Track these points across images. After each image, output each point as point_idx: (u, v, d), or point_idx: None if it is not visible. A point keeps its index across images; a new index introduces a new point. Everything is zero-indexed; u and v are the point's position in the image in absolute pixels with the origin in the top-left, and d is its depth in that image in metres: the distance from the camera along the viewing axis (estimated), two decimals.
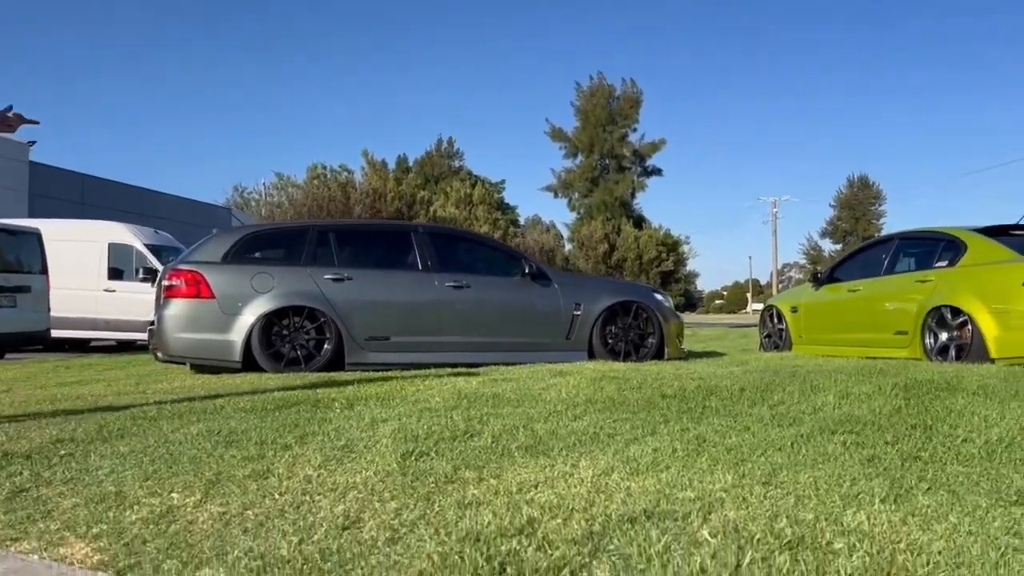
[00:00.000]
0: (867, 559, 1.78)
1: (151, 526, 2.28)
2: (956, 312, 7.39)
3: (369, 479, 2.65)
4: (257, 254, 7.70)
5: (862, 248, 10.05)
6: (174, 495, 2.54)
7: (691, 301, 74.17)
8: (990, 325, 7.03)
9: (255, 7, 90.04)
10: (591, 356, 7.90)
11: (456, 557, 1.88)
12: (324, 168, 25.59)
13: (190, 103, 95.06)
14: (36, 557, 2.11)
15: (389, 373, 6.47)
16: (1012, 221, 8.09)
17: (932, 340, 7.61)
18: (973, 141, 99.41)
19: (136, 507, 2.45)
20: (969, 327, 7.20)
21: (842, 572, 1.71)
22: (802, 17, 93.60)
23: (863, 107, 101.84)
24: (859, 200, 68.88)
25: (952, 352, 7.37)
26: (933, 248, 8.18)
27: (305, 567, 1.92)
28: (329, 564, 1.93)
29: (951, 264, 7.74)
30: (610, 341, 8.04)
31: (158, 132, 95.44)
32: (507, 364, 7.10)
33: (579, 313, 7.98)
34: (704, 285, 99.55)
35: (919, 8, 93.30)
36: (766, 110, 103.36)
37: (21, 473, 2.89)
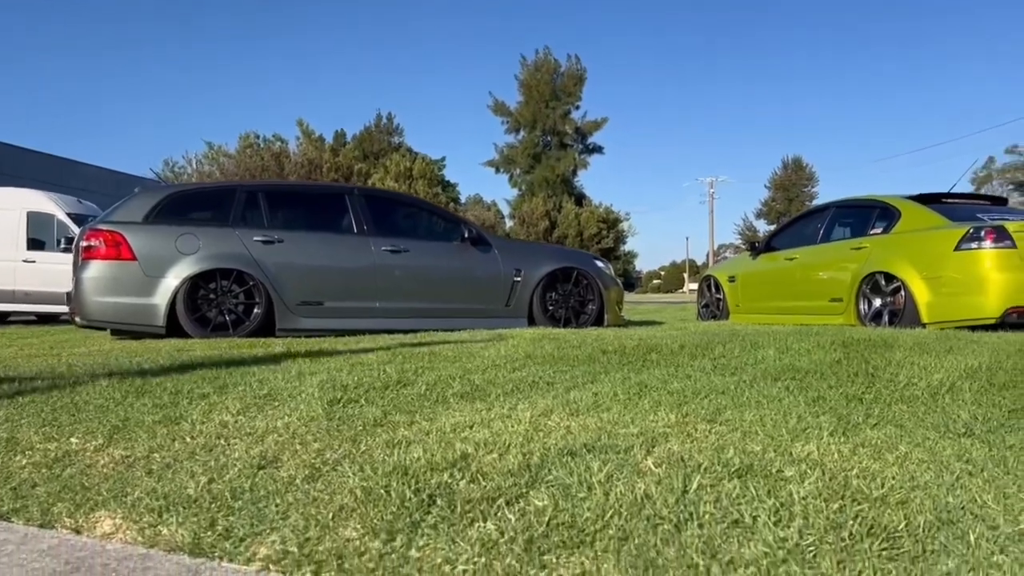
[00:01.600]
0: (820, 484, 1.68)
1: (43, 470, 2.06)
2: (890, 278, 7.48)
3: (291, 424, 2.46)
4: (182, 215, 7.30)
5: (799, 217, 10.13)
6: (73, 440, 2.31)
7: (630, 280, 74.92)
8: (922, 291, 7.13)
9: None
10: (531, 323, 7.77)
11: (381, 491, 1.72)
12: (257, 137, 24.76)
13: (117, 74, 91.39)
14: None
15: (322, 337, 6.24)
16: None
17: (866, 306, 7.70)
18: (899, 126, 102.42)
19: (29, 452, 2.22)
20: (902, 293, 7.30)
21: (795, 496, 1.60)
22: (743, 2, 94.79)
23: (799, 92, 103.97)
24: (793, 181, 70.25)
25: (885, 318, 7.47)
26: (868, 216, 8.26)
27: (213, 505, 1.73)
28: (240, 502, 1.74)
29: (885, 231, 7.84)
30: (550, 308, 7.92)
31: (84, 103, 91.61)
32: (446, 331, 6.93)
33: (519, 279, 7.83)
34: (643, 265, 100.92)
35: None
36: (705, 92, 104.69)
37: None
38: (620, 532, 1.46)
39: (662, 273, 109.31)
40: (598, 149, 58.13)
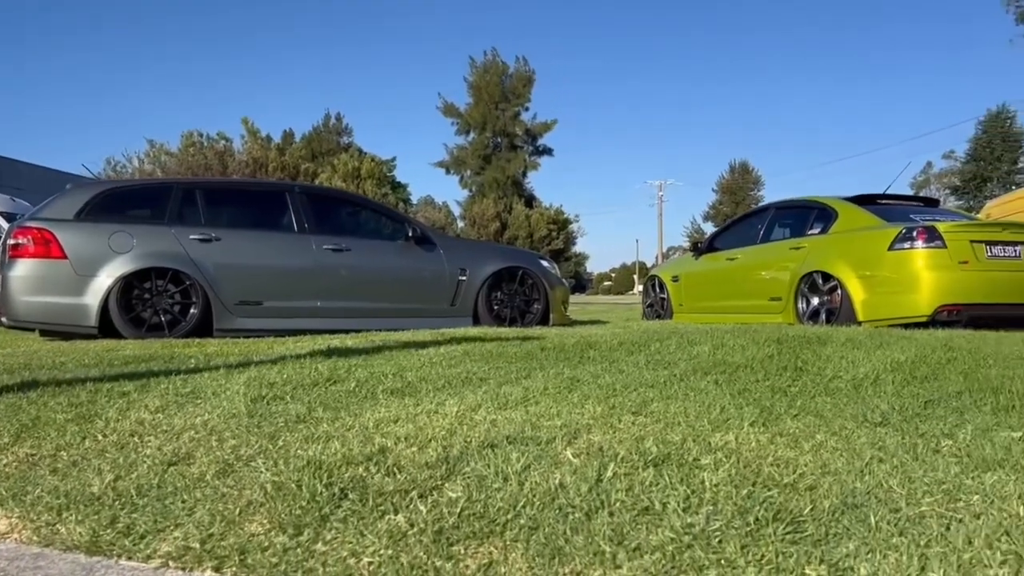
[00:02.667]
0: (733, 471, 1.69)
1: None
2: (827, 277, 7.63)
3: (210, 421, 2.39)
4: (116, 212, 7.09)
5: (740, 218, 10.29)
6: None
7: (581, 282, 75.46)
8: (858, 289, 7.29)
9: None
10: (476, 322, 7.73)
11: (292, 485, 1.68)
12: (200, 136, 24.22)
13: (58, 71, 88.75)
14: None
15: (260, 338, 6.13)
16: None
17: (805, 305, 7.84)
18: (843, 132, 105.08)
19: None
20: (839, 292, 7.45)
21: (707, 483, 1.61)
22: (693, 4, 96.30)
23: (747, 96, 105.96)
24: (740, 185, 71.54)
25: (823, 316, 7.62)
26: (806, 216, 8.43)
27: (116, 503, 1.67)
28: (145, 499, 1.69)
29: (823, 232, 8.00)
30: (496, 307, 7.89)
31: (22, 100, 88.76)
32: (389, 331, 6.85)
33: (464, 279, 7.79)
34: (594, 267, 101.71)
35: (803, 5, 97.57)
36: (654, 95, 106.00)
37: None
38: (531, 522, 1.45)
39: (613, 275, 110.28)
40: (548, 151, 58.40)
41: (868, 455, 1.83)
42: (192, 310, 6.79)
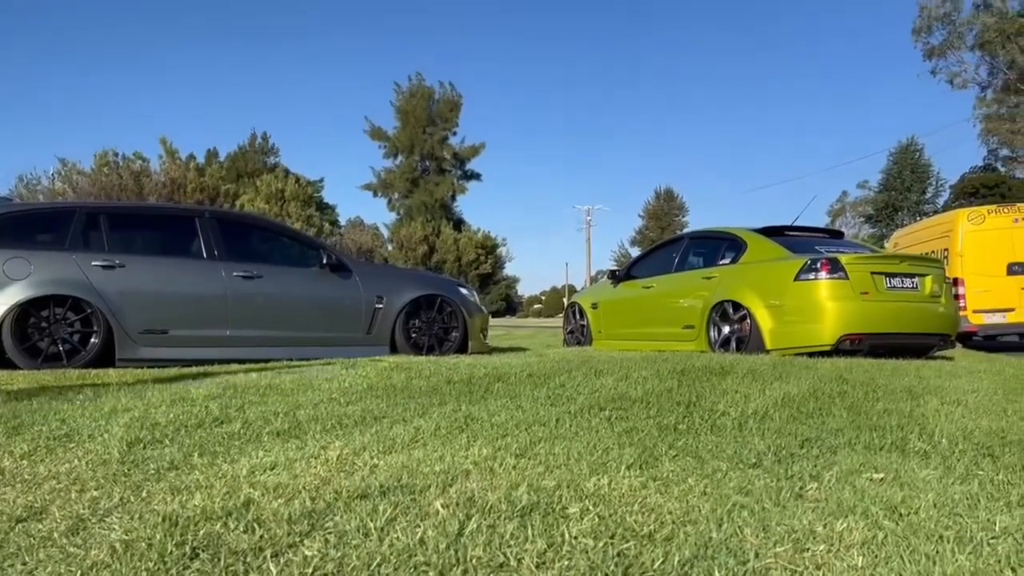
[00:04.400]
0: (597, 521, 1.70)
1: None
2: (737, 306, 7.83)
3: (77, 468, 2.29)
4: (13, 237, 6.79)
5: (656, 247, 10.49)
6: None
7: (512, 305, 75.65)
8: (766, 318, 7.50)
9: None
10: (393, 350, 7.65)
11: (143, 544, 1.61)
12: (115, 155, 23.38)
13: None
14: None
15: (164, 369, 5.93)
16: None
17: (716, 333, 8.02)
18: (762, 161, 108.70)
19: None
20: (748, 321, 7.65)
21: (567, 534, 1.61)
22: (618, 32, 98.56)
23: (671, 124, 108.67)
24: (665, 211, 73.13)
25: (733, 344, 7.80)
26: (718, 246, 8.65)
27: None
28: None
29: (733, 262, 8.22)
30: (413, 335, 7.83)
31: None
32: (302, 360, 6.72)
33: (381, 306, 7.71)
34: (524, 290, 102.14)
35: (726, 35, 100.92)
36: (582, 121, 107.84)
37: None
38: None
39: (543, 297, 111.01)
40: (476, 175, 58.77)
41: (732, 500, 1.86)
42: (93, 339, 6.54)
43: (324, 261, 7.61)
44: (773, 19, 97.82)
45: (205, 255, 7.13)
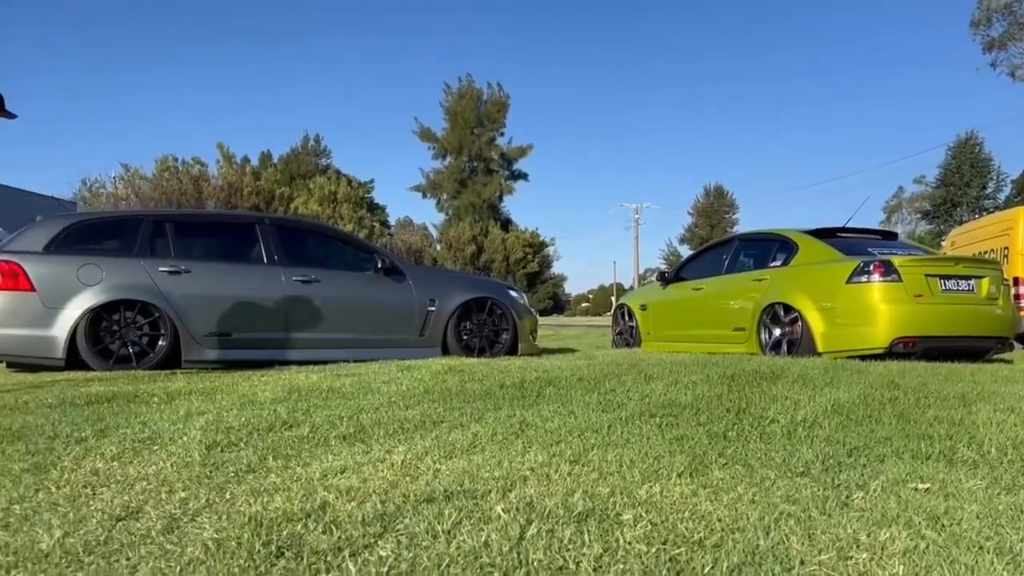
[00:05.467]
0: (649, 527, 1.80)
1: None
2: (788, 309, 7.82)
3: (163, 471, 2.47)
4: (85, 244, 7.14)
5: (705, 249, 10.49)
6: None
7: (559, 304, 75.67)
8: (818, 321, 7.48)
9: None
10: (445, 352, 7.83)
11: (233, 543, 1.77)
12: (175, 160, 24.21)
13: (31, 89, 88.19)
14: None
15: (227, 370, 6.18)
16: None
17: (767, 336, 8.02)
18: (814, 157, 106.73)
19: None
20: (799, 323, 7.64)
21: (622, 540, 1.72)
22: (668, 29, 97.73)
23: (722, 119, 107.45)
24: (715, 208, 72.41)
25: (784, 347, 7.80)
26: (769, 248, 8.64)
27: (64, 560, 1.75)
28: (92, 556, 1.77)
29: (784, 264, 8.20)
30: (464, 337, 8.00)
31: None
32: (358, 362, 6.93)
33: (433, 309, 7.90)
34: (572, 288, 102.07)
35: (782, 30, 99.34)
36: (631, 119, 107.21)
37: None
38: None
39: (590, 296, 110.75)
40: (523, 176, 58.98)
41: (780, 509, 1.95)
42: (160, 342, 6.84)
43: (378, 265, 7.83)
44: (825, 13, 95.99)
45: (265, 260, 7.39)
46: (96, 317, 6.67)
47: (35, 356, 6.63)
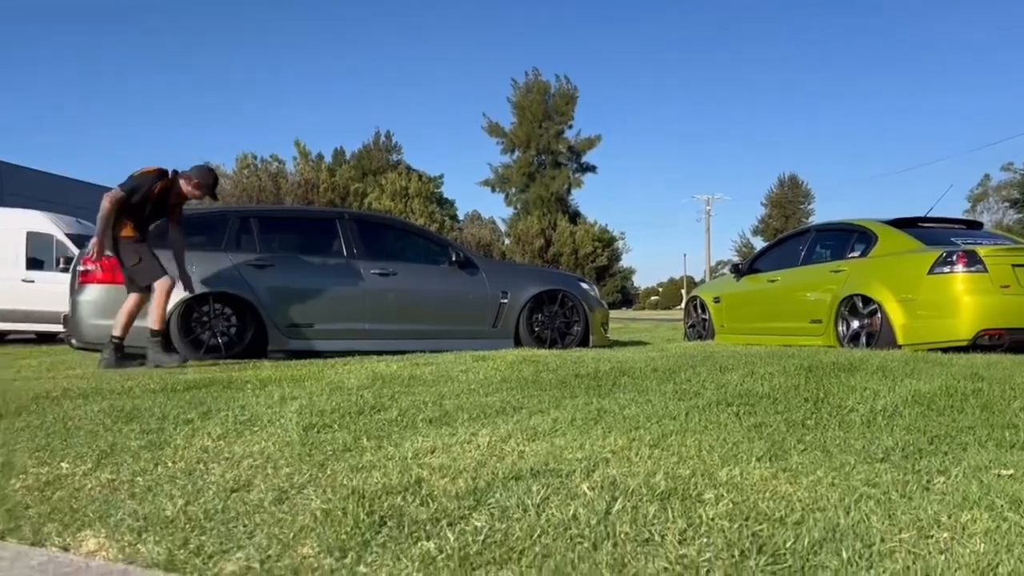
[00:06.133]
0: (731, 506, 1.87)
1: (35, 493, 2.25)
2: (867, 301, 7.68)
3: (266, 449, 2.65)
4: None
5: (781, 240, 10.35)
6: (63, 464, 2.51)
7: (628, 297, 75.22)
8: (898, 313, 7.34)
9: None
10: (517, 344, 7.97)
11: (339, 512, 1.91)
12: (254, 158, 25.08)
13: (116, 90, 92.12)
14: None
15: (311, 359, 6.43)
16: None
17: (845, 328, 7.90)
18: (895, 144, 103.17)
19: (23, 476, 2.41)
20: (879, 315, 7.50)
21: (705, 516, 1.79)
22: (738, 18, 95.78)
23: (795, 109, 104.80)
24: (789, 199, 70.81)
25: (863, 339, 7.67)
26: (846, 239, 8.49)
27: (187, 525, 1.93)
28: (212, 523, 1.94)
29: (863, 255, 8.05)
30: (536, 329, 8.13)
31: (82, 120, 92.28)
32: (433, 352, 7.11)
33: (506, 301, 8.05)
34: (640, 281, 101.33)
35: (848, 20, 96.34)
36: (699, 109, 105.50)
37: None
38: (544, 550, 1.65)
39: (660, 289, 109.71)
40: (591, 168, 58.78)
41: (860, 491, 1.99)
42: (247, 332, 7.15)
43: (453, 258, 8.01)
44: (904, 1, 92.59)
45: (345, 254, 7.65)
46: (188, 308, 7.02)
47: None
